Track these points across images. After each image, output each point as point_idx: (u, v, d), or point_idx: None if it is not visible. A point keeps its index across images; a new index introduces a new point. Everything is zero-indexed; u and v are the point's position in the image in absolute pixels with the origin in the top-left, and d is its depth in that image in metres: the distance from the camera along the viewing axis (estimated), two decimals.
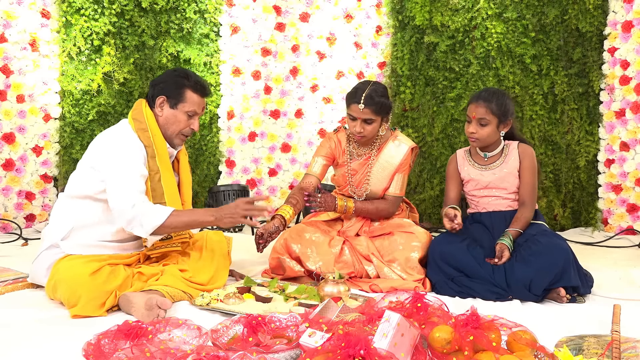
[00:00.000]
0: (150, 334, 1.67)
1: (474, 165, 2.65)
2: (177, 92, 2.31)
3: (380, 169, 2.72)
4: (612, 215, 3.99)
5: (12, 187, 3.77)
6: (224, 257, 2.48)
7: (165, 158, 2.31)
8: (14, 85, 3.72)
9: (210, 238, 2.50)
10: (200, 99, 2.35)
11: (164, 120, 2.32)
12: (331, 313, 1.78)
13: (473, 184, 2.65)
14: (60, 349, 1.70)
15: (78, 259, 2.15)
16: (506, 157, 2.61)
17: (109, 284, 2.09)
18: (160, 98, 2.32)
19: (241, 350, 1.47)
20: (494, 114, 2.50)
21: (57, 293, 2.12)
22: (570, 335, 1.65)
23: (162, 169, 2.27)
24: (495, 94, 2.53)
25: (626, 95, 3.87)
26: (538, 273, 2.29)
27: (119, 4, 3.84)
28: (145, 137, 2.26)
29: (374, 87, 2.59)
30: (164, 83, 2.33)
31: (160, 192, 2.25)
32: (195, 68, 4.14)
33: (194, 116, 2.35)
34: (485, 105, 2.50)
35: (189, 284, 2.27)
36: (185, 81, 2.32)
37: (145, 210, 2.13)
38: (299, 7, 4.36)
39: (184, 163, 2.50)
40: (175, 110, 2.31)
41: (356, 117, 2.59)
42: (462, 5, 4.06)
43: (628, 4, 3.83)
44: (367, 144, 2.74)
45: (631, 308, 2.17)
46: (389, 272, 2.51)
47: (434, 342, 1.53)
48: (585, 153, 4.03)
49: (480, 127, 2.52)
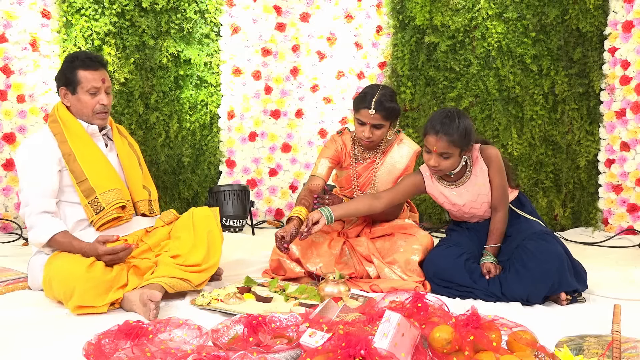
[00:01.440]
0: (150, 334, 1.67)
1: (444, 184, 2.52)
2: (71, 77, 2.32)
3: (385, 172, 2.71)
4: (612, 215, 3.99)
5: (13, 187, 3.77)
6: (214, 231, 2.42)
7: (79, 137, 2.33)
8: (15, 85, 3.72)
9: (197, 214, 2.46)
10: (95, 73, 2.34)
11: (74, 108, 2.36)
12: (331, 313, 1.78)
13: (450, 205, 2.54)
14: (60, 349, 1.70)
15: (67, 255, 2.17)
16: (473, 168, 2.47)
17: (105, 274, 2.11)
18: (62, 90, 2.36)
19: (242, 350, 1.47)
20: (456, 146, 2.31)
21: (52, 289, 2.12)
22: (571, 335, 1.65)
23: (76, 147, 2.30)
24: (452, 123, 2.30)
25: (626, 95, 3.87)
26: (533, 287, 2.24)
27: (119, 4, 3.84)
28: (54, 127, 2.33)
29: (383, 92, 2.55)
30: (59, 74, 2.37)
31: (79, 170, 2.28)
32: (196, 68, 4.14)
33: (97, 92, 2.34)
34: (446, 139, 2.29)
35: (184, 269, 2.25)
36: (74, 63, 2.33)
37: (37, 223, 2.20)
38: (300, 7, 4.36)
39: (121, 145, 2.50)
40: (77, 95, 2.34)
41: (365, 122, 2.55)
42: (463, 5, 4.05)
43: (628, 3, 3.83)
44: (373, 148, 2.73)
45: (632, 308, 2.17)
46: (390, 272, 2.50)
47: (434, 342, 1.53)
48: (585, 153, 4.03)
49: (442, 159, 2.35)
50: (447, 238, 2.64)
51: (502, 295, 2.31)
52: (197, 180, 4.25)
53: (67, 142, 2.30)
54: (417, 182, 2.56)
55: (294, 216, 2.52)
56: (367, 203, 2.53)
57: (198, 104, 4.19)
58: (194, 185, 4.23)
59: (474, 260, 2.44)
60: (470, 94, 4.09)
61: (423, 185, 2.55)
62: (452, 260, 2.41)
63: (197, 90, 4.18)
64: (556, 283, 2.24)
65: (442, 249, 2.51)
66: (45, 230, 2.18)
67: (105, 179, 2.31)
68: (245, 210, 3.97)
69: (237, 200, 3.93)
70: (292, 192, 4.47)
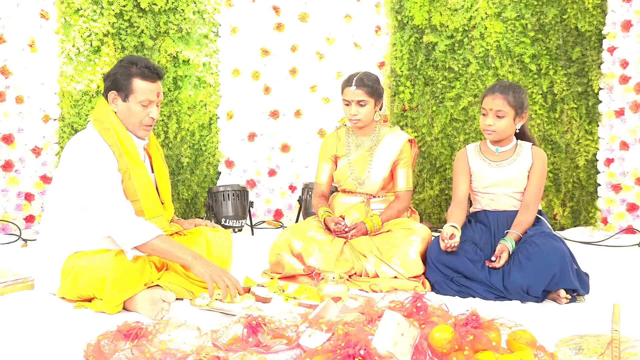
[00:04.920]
0: (150, 335, 1.67)
1: (484, 160, 2.63)
2: (125, 84, 2.19)
3: (379, 158, 2.83)
4: (611, 214, 3.99)
5: (12, 188, 3.77)
6: (226, 252, 2.43)
7: (133, 153, 2.22)
8: (13, 86, 3.72)
9: (211, 234, 2.46)
10: (152, 85, 2.21)
11: (121, 115, 2.22)
12: (331, 313, 1.78)
13: (480, 179, 2.62)
14: (60, 350, 1.70)
15: (88, 252, 2.15)
16: (518, 156, 2.58)
17: (130, 264, 2.09)
18: (112, 93, 2.22)
19: (241, 351, 1.47)
20: (511, 105, 2.49)
21: (77, 287, 2.09)
22: (570, 334, 1.65)
23: (130, 165, 2.20)
24: (511, 86, 2.52)
25: (625, 95, 3.87)
26: (535, 278, 2.27)
27: (117, 4, 3.84)
28: (109, 137, 2.18)
29: (365, 72, 2.80)
30: (112, 76, 2.22)
31: (132, 190, 2.19)
32: (195, 68, 4.13)
33: (150, 105, 2.23)
34: (502, 97, 2.48)
35: (191, 282, 2.27)
36: (132, 70, 2.19)
37: (131, 224, 2.09)
38: (298, 7, 4.35)
39: (157, 159, 2.41)
40: (128, 102, 2.20)
41: (350, 101, 2.76)
42: (461, 5, 4.05)
43: (627, 2, 3.83)
44: (366, 134, 2.87)
45: (631, 307, 2.17)
46: (388, 269, 2.53)
47: (433, 341, 1.53)
48: (584, 152, 4.03)
49: (497, 119, 2.50)
50: None
51: (504, 288, 2.32)
52: (196, 180, 4.25)
53: (123, 157, 2.18)
54: (463, 157, 2.68)
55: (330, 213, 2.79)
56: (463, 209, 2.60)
57: (197, 104, 4.19)
58: (193, 186, 4.23)
59: (475, 250, 2.46)
60: (469, 93, 4.09)
61: (467, 158, 2.66)
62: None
63: (196, 90, 4.18)
64: (557, 276, 2.26)
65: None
66: (144, 231, 2.08)
67: (153, 204, 2.25)
68: (245, 211, 3.98)
69: (237, 200, 3.93)
70: (291, 192, 4.47)
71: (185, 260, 2.10)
